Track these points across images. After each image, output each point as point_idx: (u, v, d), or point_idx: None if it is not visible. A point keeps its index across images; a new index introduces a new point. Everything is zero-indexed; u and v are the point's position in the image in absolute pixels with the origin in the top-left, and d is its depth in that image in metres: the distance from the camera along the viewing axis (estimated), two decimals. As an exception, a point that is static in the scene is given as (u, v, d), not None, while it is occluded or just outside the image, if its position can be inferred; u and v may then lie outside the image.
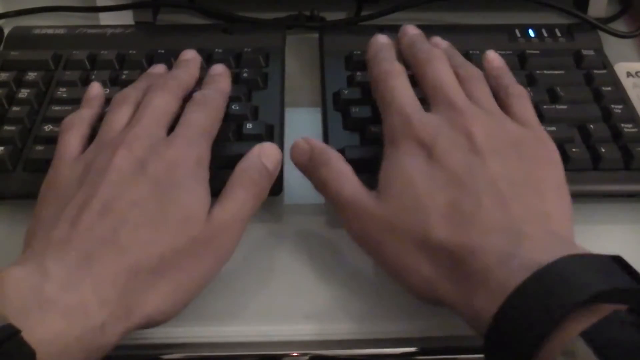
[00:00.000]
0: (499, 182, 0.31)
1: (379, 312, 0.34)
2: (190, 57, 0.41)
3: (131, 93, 0.37)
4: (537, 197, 0.32)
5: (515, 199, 0.31)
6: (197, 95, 0.37)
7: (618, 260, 0.27)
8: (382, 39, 0.41)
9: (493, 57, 0.40)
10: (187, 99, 0.37)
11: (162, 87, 0.37)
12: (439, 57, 0.37)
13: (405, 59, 0.39)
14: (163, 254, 0.30)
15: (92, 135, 0.36)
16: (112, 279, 0.29)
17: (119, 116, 0.36)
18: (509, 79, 0.38)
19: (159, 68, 0.42)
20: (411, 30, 0.41)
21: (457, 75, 0.37)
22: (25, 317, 0.26)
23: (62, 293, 0.27)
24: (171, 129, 0.35)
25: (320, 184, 0.35)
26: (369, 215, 0.33)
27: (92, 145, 0.35)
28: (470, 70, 0.38)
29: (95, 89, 0.40)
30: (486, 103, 0.36)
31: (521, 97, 0.37)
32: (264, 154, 0.35)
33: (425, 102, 0.36)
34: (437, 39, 0.42)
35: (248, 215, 0.34)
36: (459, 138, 0.33)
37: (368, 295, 0.35)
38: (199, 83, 0.40)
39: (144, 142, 0.33)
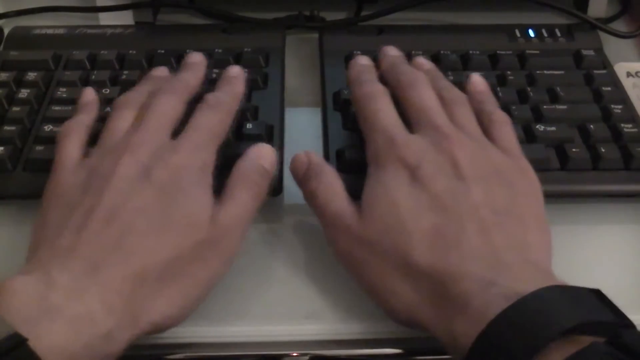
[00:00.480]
0: (482, 210, 0.31)
1: (379, 312, 0.34)
2: (198, 60, 0.41)
3: (134, 96, 0.37)
4: (519, 226, 0.32)
5: (497, 227, 0.31)
6: (209, 97, 0.37)
7: (596, 293, 0.27)
8: (362, 60, 0.41)
9: (476, 81, 0.40)
10: (191, 102, 0.37)
11: (169, 90, 0.36)
12: (422, 80, 0.37)
13: (387, 80, 0.39)
14: (169, 260, 0.30)
15: (91, 140, 0.36)
16: (119, 287, 0.29)
17: (122, 121, 0.35)
18: (491, 105, 0.38)
19: (161, 71, 0.41)
20: (391, 52, 0.41)
21: (441, 98, 0.37)
22: (32, 326, 0.26)
23: (68, 301, 0.27)
24: (176, 131, 0.35)
25: (309, 196, 0.35)
26: (352, 233, 0.33)
27: (95, 151, 0.34)
28: (453, 93, 0.38)
29: (89, 94, 0.40)
30: (469, 128, 0.36)
31: (504, 124, 0.37)
32: (261, 155, 0.35)
33: (408, 124, 0.36)
34: (421, 60, 0.42)
35: (251, 215, 0.34)
36: (444, 163, 0.33)
37: (368, 295, 0.35)
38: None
39: (149, 148, 0.33)
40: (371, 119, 0.36)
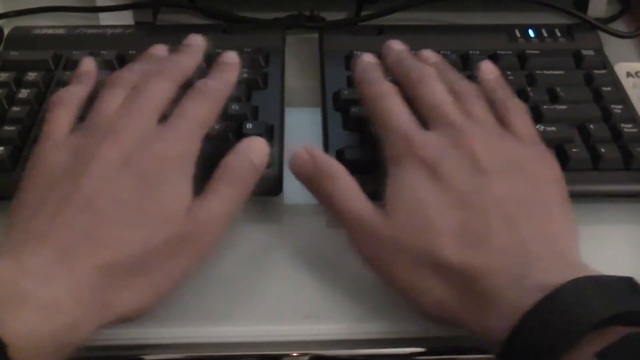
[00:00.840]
0: (506, 203, 0.31)
1: (379, 312, 0.34)
2: (195, 42, 0.39)
3: (127, 75, 0.36)
4: (543, 216, 0.32)
5: (522, 220, 0.31)
6: (199, 83, 0.36)
7: (629, 282, 0.27)
8: (367, 58, 0.40)
9: (488, 68, 0.40)
10: (185, 85, 0.36)
11: (160, 72, 0.36)
12: (432, 75, 0.37)
13: (394, 76, 0.39)
14: (140, 253, 0.30)
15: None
16: (88, 277, 0.28)
17: (112, 100, 0.34)
18: (506, 92, 0.38)
19: (159, 49, 0.40)
20: (396, 46, 0.41)
21: (452, 91, 0.36)
22: (0, 311, 0.26)
23: (37, 288, 0.27)
24: (165, 115, 0.34)
25: (325, 199, 0.34)
26: (379, 235, 0.32)
27: (81, 129, 0.34)
28: (464, 85, 0.37)
29: (87, 64, 0.39)
30: (484, 119, 0.35)
31: (519, 111, 0.37)
32: (251, 148, 0.35)
33: (422, 120, 0.35)
34: (427, 53, 0.41)
35: (231, 211, 0.33)
36: (463, 158, 0.33)
37: (368, 295, 0.35)
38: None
39: (134, 133, 0.32)
40: (384, 119, 0.35)
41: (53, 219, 0.29)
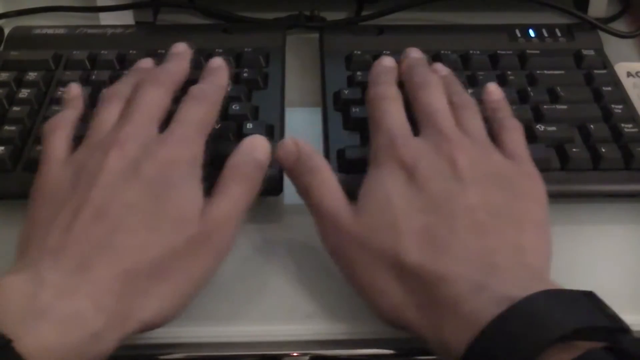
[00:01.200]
0: (477, 212, 0.31)
1: (379, 312, 0.34)
2: (181, 50, 0.40)
3: (120, 88, 0.37)
4: (514, 229, 0.31)
5: (491, 230, 0.30)
6: (193, 89, 0.36)
7: (590, 296, 0.27)
8: (386, 61, 0.41)
9: (493, 90, 0.40)
10: (178, 93, 0.36)
11: (153, 81, 0.36)
12: (434, 83, 0.37)
13: (403, 81, 0.39)
14: (160, 256, 0.30)
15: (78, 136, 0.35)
16: (108, 286, 0.28)
17: (108, 114, 0.35)
18: (505, 112, 0.38)
19: (146, 62, 0.41)
20: (413, 53, 0.41)
21: (451, 102, 0.37)
22: (19, 327, 0.26)
23: (57, 301, 0.27)
24: (164, 123, 0.34)
25: (303, 191, 0.35)
26: (345, 230, 0.32)
27: (82, 146, 0.34)
28: (463, 98, 0.37)
29: (74, 89, 0.39)
30: (475, 132, 0.35)
31: (514, 130, 0.36)
32: (254, 146, 0.35)
33: (416, 126, 0.36)
34: (439, 65, 0.42)
35: (243, 209, 0.33)
36: (442, 164, 0.33)
37: (368, 295, 0.35)
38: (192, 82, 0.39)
39: (136, 142, 0.32)
40: (377, 119, 0.36)
41: (68, 232, 0.29)
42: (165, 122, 0.34)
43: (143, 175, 0.31)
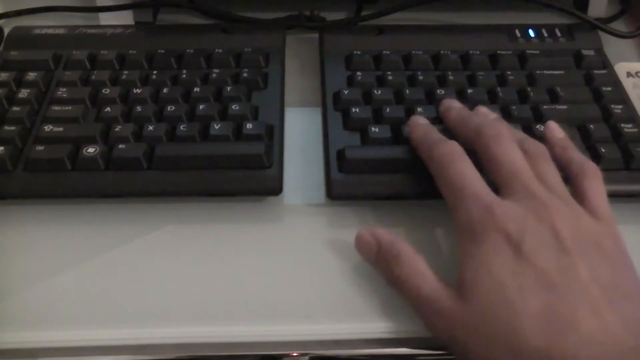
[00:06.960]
0: (591, 287, 0.30)
1: (379, 312, 0.34)
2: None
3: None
4: (629, 304, 0.30)
5: (609, 306, 0.29)
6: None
7: None
8: (421, 120, 0.40)
9: (555, 128, 0.39)
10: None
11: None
12: (505, 134, 0.36)
13: (458, 134, 0.38)
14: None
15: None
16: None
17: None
18: (577, 153, 0.37)
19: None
20: (455, 104, 0.41)
21: (524, 151, 0.35)
22: None
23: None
24: None
25: (394, 281, 0.33)
26: (453, 317, 0.31)
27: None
28: (536, 146, 0.36)
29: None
30: (558, 188, 0.34)
31: (594, 178, 0.35)
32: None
33: (491, 181, 0.34)
34: (484, 109, 0.41)
35: None
36: (546, 235, 0.31)
37: (368, 295, 0.35)
38: (193, 85, 0.39)
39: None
40: (457, 184, 0.34)
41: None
42: None
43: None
